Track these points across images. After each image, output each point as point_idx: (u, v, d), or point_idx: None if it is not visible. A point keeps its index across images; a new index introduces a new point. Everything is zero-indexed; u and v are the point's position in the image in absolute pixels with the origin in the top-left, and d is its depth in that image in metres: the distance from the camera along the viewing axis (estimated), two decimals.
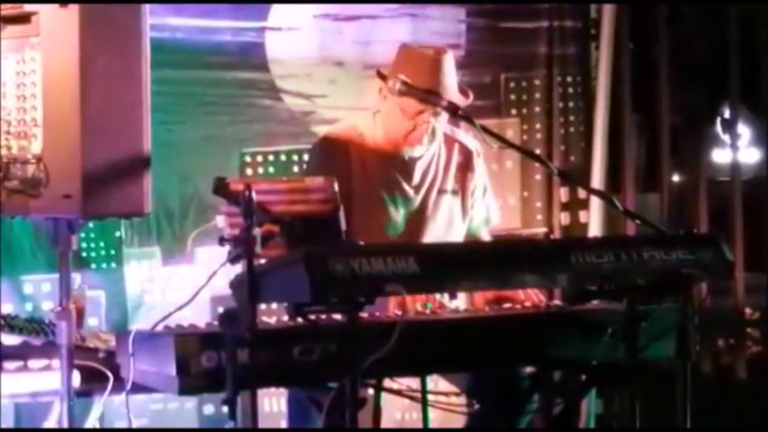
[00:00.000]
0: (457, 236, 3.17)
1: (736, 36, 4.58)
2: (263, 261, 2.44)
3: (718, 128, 5.38)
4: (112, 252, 3.74)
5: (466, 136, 3.23)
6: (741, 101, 4.73)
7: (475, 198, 3.21)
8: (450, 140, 3.17)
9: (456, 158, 3.16)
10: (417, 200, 3.11)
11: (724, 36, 4.58)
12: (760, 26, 4.58)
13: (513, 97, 4.28)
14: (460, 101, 3.05)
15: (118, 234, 3.72)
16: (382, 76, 3.08)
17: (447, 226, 3.14)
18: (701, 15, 4.57)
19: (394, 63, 3.11)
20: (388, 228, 3.06)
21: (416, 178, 3.11)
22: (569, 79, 4.34)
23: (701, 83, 4.61)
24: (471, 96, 3.12)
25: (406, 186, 3.10)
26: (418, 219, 3.10)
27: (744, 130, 4.99)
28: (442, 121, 3.09)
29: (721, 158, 5.14)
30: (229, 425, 2.36)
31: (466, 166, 3.17)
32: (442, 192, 3.13)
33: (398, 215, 3.08)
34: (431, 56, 3.05)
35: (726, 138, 5.01)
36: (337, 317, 2.52)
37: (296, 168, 3.88)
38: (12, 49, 2.62)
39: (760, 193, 4.62)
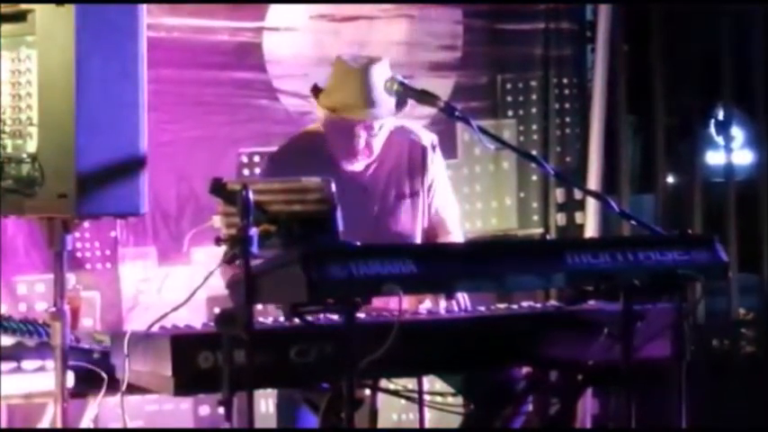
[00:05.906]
0: (418, 233, 3.12)
1: (729, 38, 4.58)
2: (259, 261, 2.43)
3: (713, 130, 5.38)
4: (108, 252, 3.73)
5: (421, 130, 3.19)
6: (735, 103, 4.74)
7: (435, 191, 3.15)
8: (402, 142, 3.11)
9: (409, 159, 3.11)
10: (374, 209, 3.07)
11: (717, 38, 4.59)
12: (753, 28, 4.59)
13: (509, 99, 4.27)
14: (391, 111, 2.99)
15: (113, 234, 3.71)
16: (316, 92, 3.06)
17: (410, 227, 3.10)
18: (694, 17, 4.58)
19: (330, 76, 3.07)
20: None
21: (368, 188, 3.06)
22: (565, 81, 4.34)
23: (696, 85, 4.61)
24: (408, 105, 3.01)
25: (356, 198, 3.00)
26: (379, 226, 3.05)
27: (737, 132, 4.99)
28: (382, 133, 3.03)
29: (715, 160, 5.14)
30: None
31: (421, 165, 3.13)
32: (400, 196, 3.09)
33: (357, 225, 3.01)
34: (353, 69, 2.99)
35: (720, 140, 5.01)
36: (334, 317, 2.52)
37: None
38: (7, 47, 2.62)
39: (754, 194, 4.62)
